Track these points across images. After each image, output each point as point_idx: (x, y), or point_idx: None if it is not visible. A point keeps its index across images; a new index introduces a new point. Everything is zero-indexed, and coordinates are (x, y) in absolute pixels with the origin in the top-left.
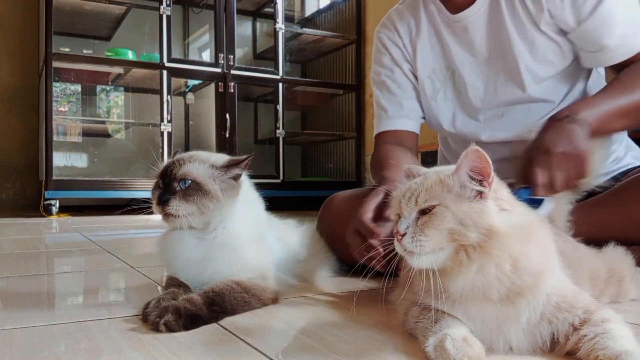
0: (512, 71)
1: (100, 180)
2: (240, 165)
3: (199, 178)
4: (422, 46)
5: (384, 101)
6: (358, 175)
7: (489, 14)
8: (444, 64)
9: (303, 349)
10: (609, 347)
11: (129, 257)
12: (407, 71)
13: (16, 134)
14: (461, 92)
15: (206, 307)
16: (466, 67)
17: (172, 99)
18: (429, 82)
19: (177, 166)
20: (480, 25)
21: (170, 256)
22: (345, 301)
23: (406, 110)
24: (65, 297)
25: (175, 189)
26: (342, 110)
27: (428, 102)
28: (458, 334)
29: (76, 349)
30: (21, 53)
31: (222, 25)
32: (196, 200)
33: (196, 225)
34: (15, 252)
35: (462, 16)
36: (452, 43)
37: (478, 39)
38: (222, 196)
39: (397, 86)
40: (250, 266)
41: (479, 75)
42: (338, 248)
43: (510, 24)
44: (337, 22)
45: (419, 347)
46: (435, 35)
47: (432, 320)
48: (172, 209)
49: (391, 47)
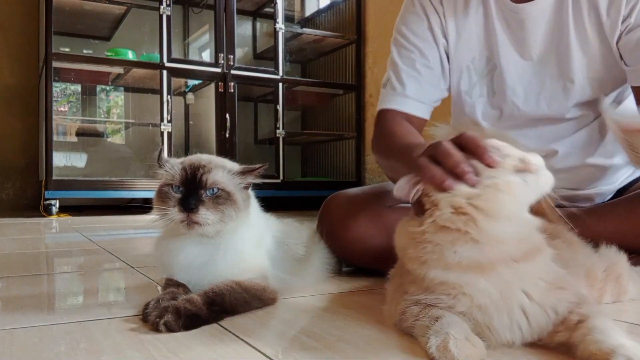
0: (561, 85)
1: (100, 180)
2: (253, 173)
3: (227, 187)
4: (467, 27)
5: (405, 75)
6: (358, 175)
7: (552, 14)
8: (486, 54)
9: (303, 349)
10: (602, 341)
11: (129, 257)
12: (442, 51)
13: (16, 134)
14: (496, 92)
15: (206, 307)
16: (510, 66)
17: (172, 99)
18: (466, 74)
19: (204, 173)
20: (540, 24)
21: (170, 262)
22: (345, 301)
23: (427, 96)
24: (65, 297)
25: (202, 196)
26: (342, 110)
27: (461, 96)
28: (460, 334)
29: (76, 349)
30: (21, 53)
31: (222, 25)
32: (224, 209)
33: (210, 234)
34: (15, 252)
35: (523, 8)
36: (500, 35)
37: (532, 39)
38: (243, 205)
39: (425, 65)
40: (250, 267)
41: (521, 79)
42: (339, 249)
43: (573, 31)
44: (337, 22)
45: (419, 347)
46: (483, 17)
47: (432, 318)
48: (201, 218)
49: (431, 14)
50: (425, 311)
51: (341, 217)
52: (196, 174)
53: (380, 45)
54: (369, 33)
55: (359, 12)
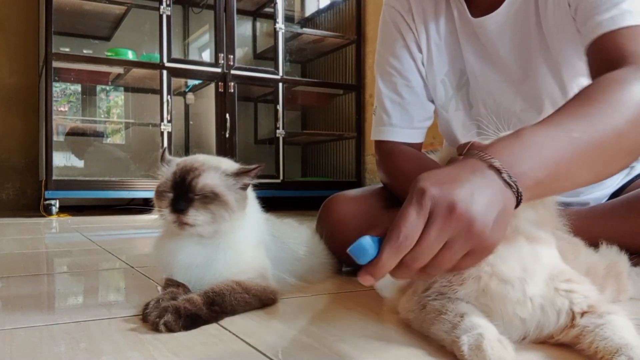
0: (532, 97)
1: (100, 180)
2: (249, 174)
3: (216, 188)
4: (439, 41)
5: (388, 102)
6: (358, 175)
7: (515, 23)
8: (459, 67)
9: (303, 349)
10: (609, 338)
11: (129, 257)
12: (420, 64)
13: (16, 134)
14: (472, 105)
15: (206, 307)
16: (479, 78)
17: (172, 99)
18: (441, 87)
19: (195, 176)
20: (503, 36)
21: (170, 261)
22: (345, 301)
23: (414, 120)
24: (65, 297)
25: (191, 197)
26: (342, 110)
27: (439, 111)
28: (492, 335)
29: (76, 349)
30: (21, 53)
31: (222, 25)
32: (213, 210)
33: (205, 234)
34: (15, 252)
35: (483, 21)
36: (466, 48)
37: (497, 51)
38: (236, 207)
39: (406, 85)
40: (250, 266)
41: (493, 91)
42: (339, 249)
43: (536, 38)
44: (337, 22)
45: (420, 347)
46: (450, 31)
47: (458, 314)
48: (190, 219)
49: (405, 31)
50: (449, 305)
51: (341, 217)
52: (185, 177)
53: None
54: (369, 33)
55: (359, 12)
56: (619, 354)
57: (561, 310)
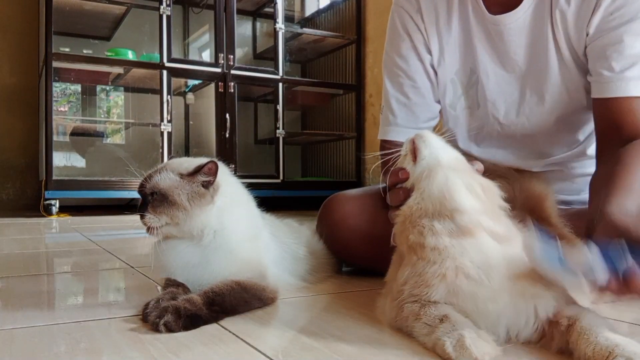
0: (538, 99)
1: (100, 180)
2: (202, 171)
3: (164, 189)
4: (450, 41)
5: (394, 102)
6: (358, 175)
7: (532, 24)
8: (469, 66)
9: (303, 349)
10: (597, 342)
11: (129, 257)
12: (428, 66)
13: (16, 134)
14: (480, 105)
15: (206, 307)
16: (491, 78)
17: (172, 99)
18: (450, 87)
19: (148, 179)
20: (520, 36)
21: (167, 262)
22: (345, 301)
23: (419, 120)
24: (65, 297)
25: (147, 201)
26: (342, 110)
27: (446, 109)
28: (472, 332)
29: (76, 349)
30: (21, 53)
31: (222, 25)
32: (165, 211)
33: (178, 234)
34: (15, 252)
35: (501, 19)
36: (480, 47)
37: (512, 51)
38: (189, 205)
39: (412, 86)
40: (248, 265)
41: (503, 91)
42: (340, 250)
43: (552, 42)
44: (337, 22)
45: (420, 347)
46: (464, 30)
47: (437, 318)
48: (147, 221)
49: (414, 32)
50: (425, 309)
51: (341, 217)
52: (143, 181)
53: (380, 45)
54: (369, 33)
55: (359, 12)
56: (615, 357)
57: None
